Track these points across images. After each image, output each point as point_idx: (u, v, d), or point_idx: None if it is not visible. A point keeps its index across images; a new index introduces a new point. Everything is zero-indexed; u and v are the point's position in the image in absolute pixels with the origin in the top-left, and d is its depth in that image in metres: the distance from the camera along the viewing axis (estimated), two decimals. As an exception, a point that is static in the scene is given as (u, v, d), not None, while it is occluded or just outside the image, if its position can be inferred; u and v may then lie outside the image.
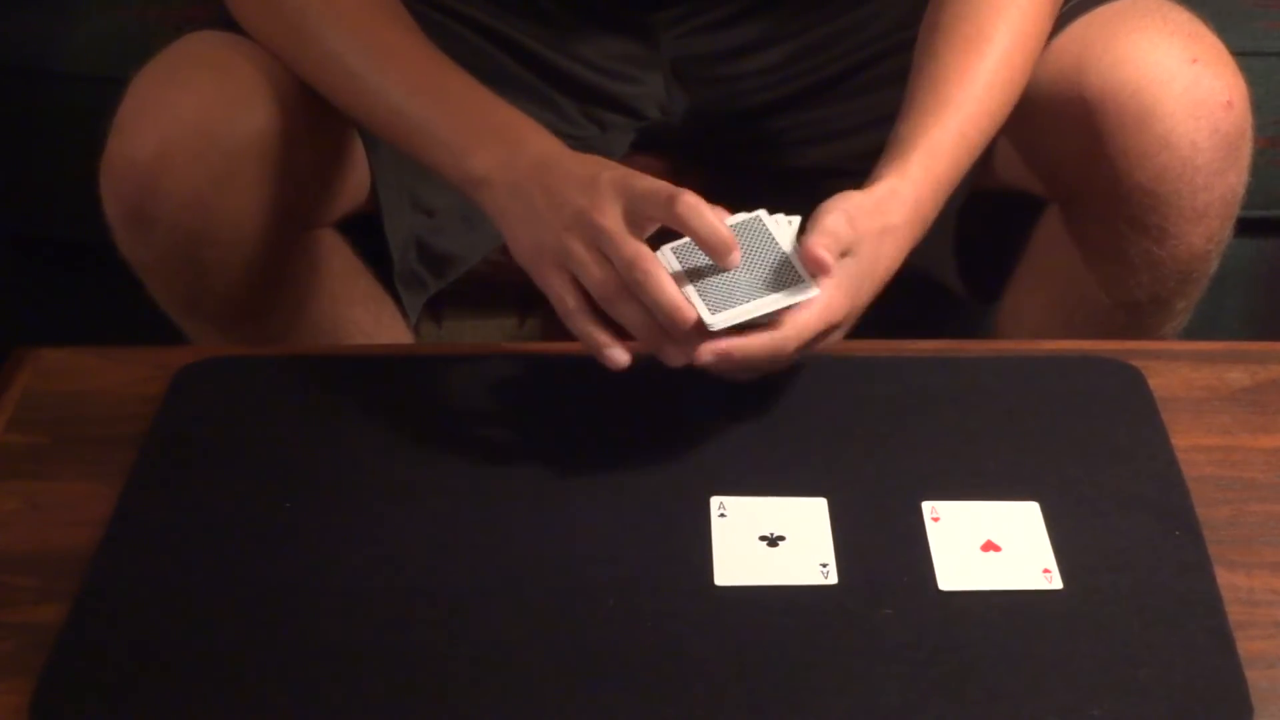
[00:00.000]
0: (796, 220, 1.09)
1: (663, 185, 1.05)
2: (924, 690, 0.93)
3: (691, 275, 1.06)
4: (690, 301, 1.04)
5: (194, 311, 1.29)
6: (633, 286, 1.04)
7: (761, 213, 1.09)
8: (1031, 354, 1.21)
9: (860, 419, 1.12)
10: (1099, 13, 1.23)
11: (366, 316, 1.35)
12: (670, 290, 1.03)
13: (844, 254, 1.07)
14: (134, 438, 1.12)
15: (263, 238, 1.24)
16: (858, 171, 1.24)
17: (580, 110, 1.39)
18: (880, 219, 1.10)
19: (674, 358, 1.06)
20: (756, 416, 1.12)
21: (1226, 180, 1.22)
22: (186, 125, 1.19)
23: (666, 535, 1.03)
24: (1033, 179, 1.29)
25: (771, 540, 1.03)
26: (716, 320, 1.04)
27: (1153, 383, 1.15)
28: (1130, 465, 1.09)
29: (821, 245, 1.05)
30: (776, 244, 1.07)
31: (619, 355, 1.06)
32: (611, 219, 1.05)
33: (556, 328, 1.11)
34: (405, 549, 1.03)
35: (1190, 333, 1.36)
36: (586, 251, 1.06)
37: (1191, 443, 1.11)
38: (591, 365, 1.07)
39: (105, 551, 1.03)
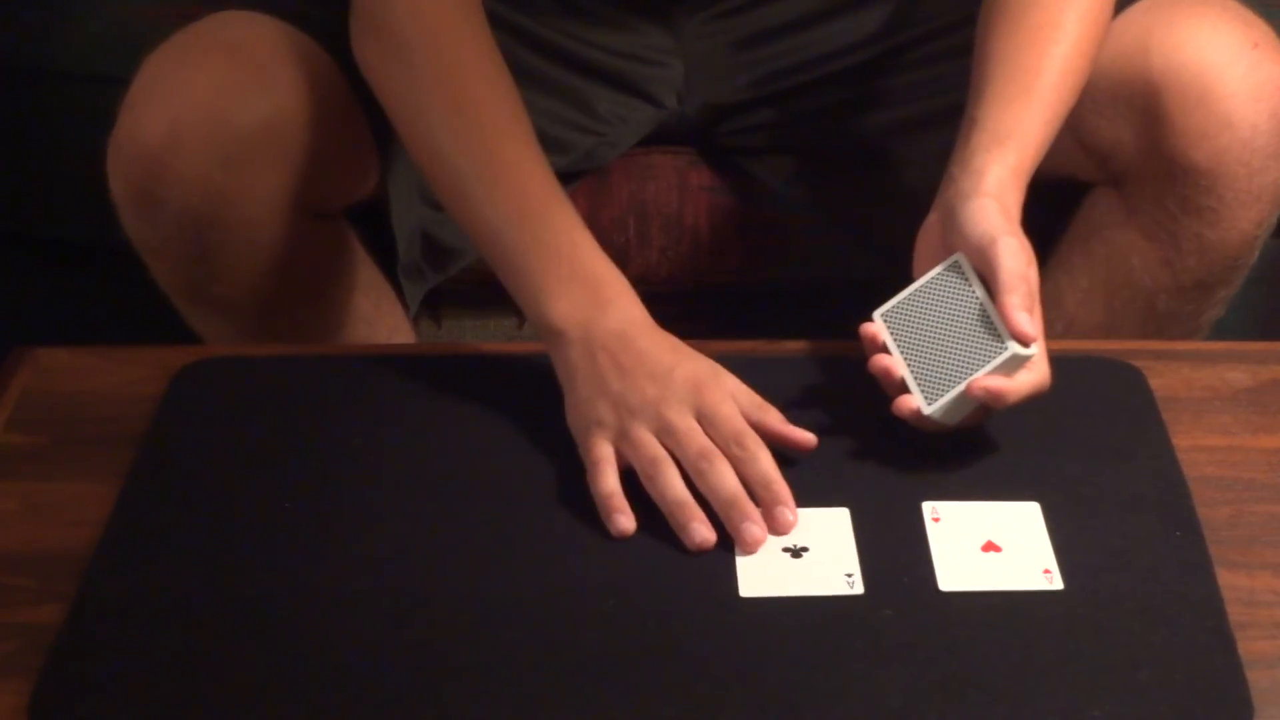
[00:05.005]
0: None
1: (731, 413, 1.06)
2: (924, 691, 0.93)
3: (902, 345, 1.08)
4: (907, 385, 1.06)
5: (196, 295, 1.29)
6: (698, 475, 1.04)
7: (960, 257, 1.09)
8: (1032, 354, 1.21)
9: (860, 419, 1.12)
10: None
11: (367, 303, 1.35)
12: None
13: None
14: (133, 438, 1.12)
15: (270, 222, 1.24)
16: (876, 149, 1.23)
17: (602, 99, 1.39)
18: (1013, 219, 1.09)
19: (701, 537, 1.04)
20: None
21: None
22: (198, 106, 1.19)
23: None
24: (1082, 162, 1.29)
25: (795, 551, 1.03)
26: (934, 410, 1.06)
27: (1154, 383, 1.15)
28: (1131, 465, 1.08)
29: (1023, 309, 1.04)
30: (974, 296, 1.07)
31: (626, 523, 1.04)
32: (679, 416, 1.06)
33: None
34: (405, 550, 1.03)
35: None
36: (646, 436, 1.06)
37: (1192, 443, 1.10)
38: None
39: (104, 552, 1.03)
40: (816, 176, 1.40)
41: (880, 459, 1.09)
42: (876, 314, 1.10)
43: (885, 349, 1.09)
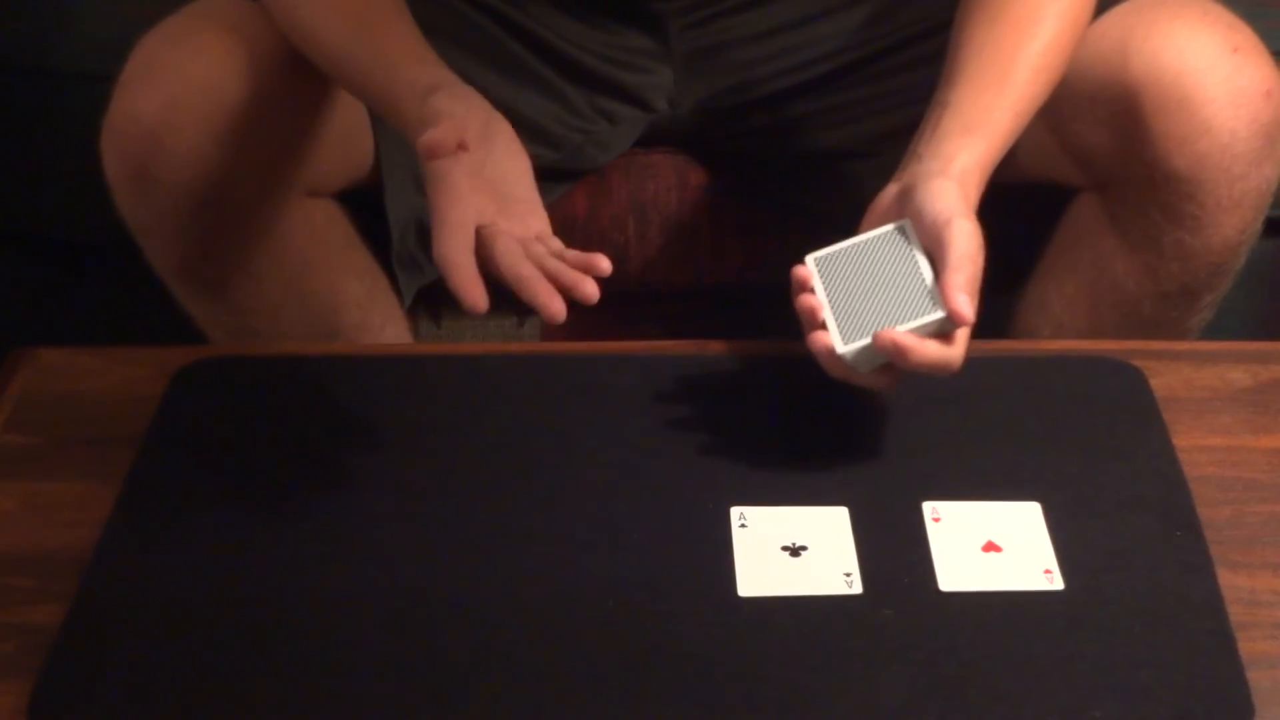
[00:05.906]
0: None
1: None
2: (924, 691, 0.93)
3: (830, 289, 1.08)
4: (826, 322, 1.06)
5: (190, 276, 1.29)
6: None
7: (907, 224, 1.09)
8: (1033, 354, 1.21)
9: (861, 419, 1.12)
10: (1140, 0, 1.23)
11: (361, 289, 1.35)
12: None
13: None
14: (133, 438, 1.12)
15: (264, 202, 1.24)
16: (870, 153, 1.22)
17: (588, 102, 1.39)
18: (970, 205, 1.09)
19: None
20: (767, 424, 1.12)
21: (1262, 170, 1.23)
22: (192, 85, 1.19)
23: (688, 546, 1.03)
24: (1065, 167, 1.29)
25: (794, 550, 1.03)
26: (847, 351, 1.05)
27: (1154, 383, 1.15)
28: (1132, 466, 1.08)
29: (964, 290, 1.03)
30: (914, 260, 1.07)
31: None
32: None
33: (556, 328, 1.10)
34: (405, 550, 1.03)
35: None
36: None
37: (1193, 443, 1.10)
38: (595, 367, 1.06)
39: (103, 552, 1.03)
40: (814, 178, 1.40)
41: (880, 459, 1.09)
42: (809, 258, 1.10)
43: (813, 292, 1.08)
